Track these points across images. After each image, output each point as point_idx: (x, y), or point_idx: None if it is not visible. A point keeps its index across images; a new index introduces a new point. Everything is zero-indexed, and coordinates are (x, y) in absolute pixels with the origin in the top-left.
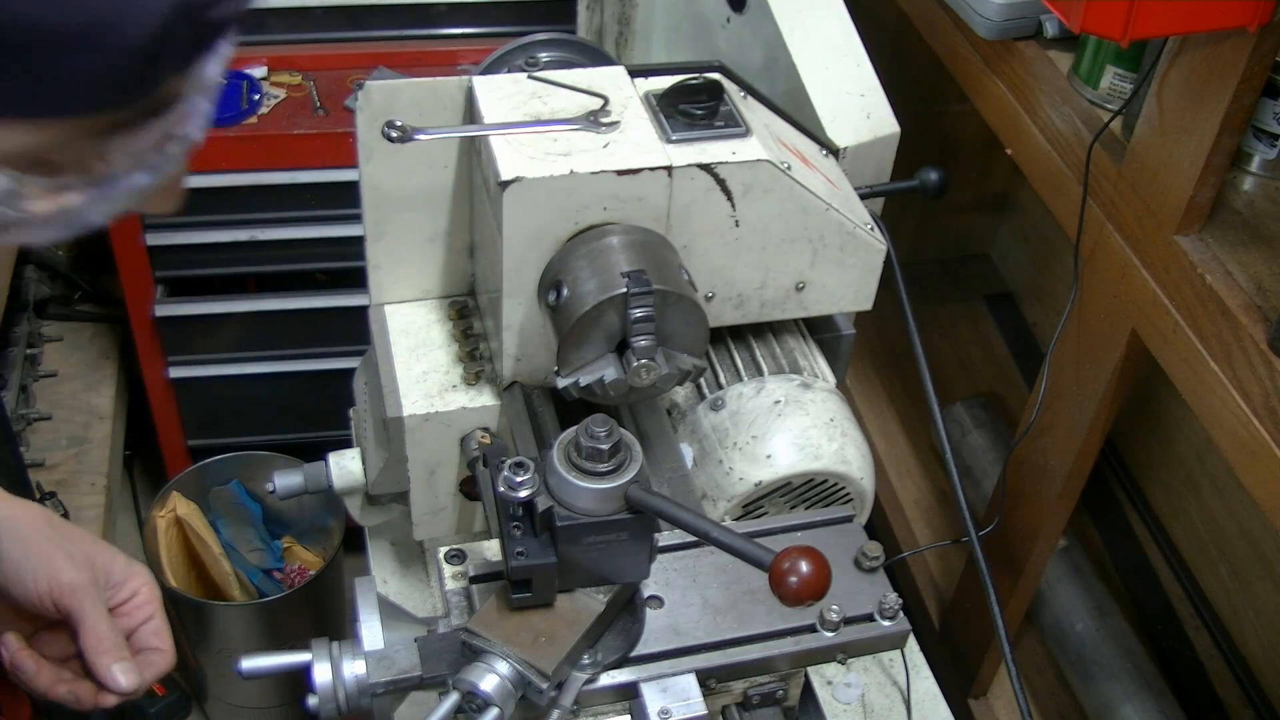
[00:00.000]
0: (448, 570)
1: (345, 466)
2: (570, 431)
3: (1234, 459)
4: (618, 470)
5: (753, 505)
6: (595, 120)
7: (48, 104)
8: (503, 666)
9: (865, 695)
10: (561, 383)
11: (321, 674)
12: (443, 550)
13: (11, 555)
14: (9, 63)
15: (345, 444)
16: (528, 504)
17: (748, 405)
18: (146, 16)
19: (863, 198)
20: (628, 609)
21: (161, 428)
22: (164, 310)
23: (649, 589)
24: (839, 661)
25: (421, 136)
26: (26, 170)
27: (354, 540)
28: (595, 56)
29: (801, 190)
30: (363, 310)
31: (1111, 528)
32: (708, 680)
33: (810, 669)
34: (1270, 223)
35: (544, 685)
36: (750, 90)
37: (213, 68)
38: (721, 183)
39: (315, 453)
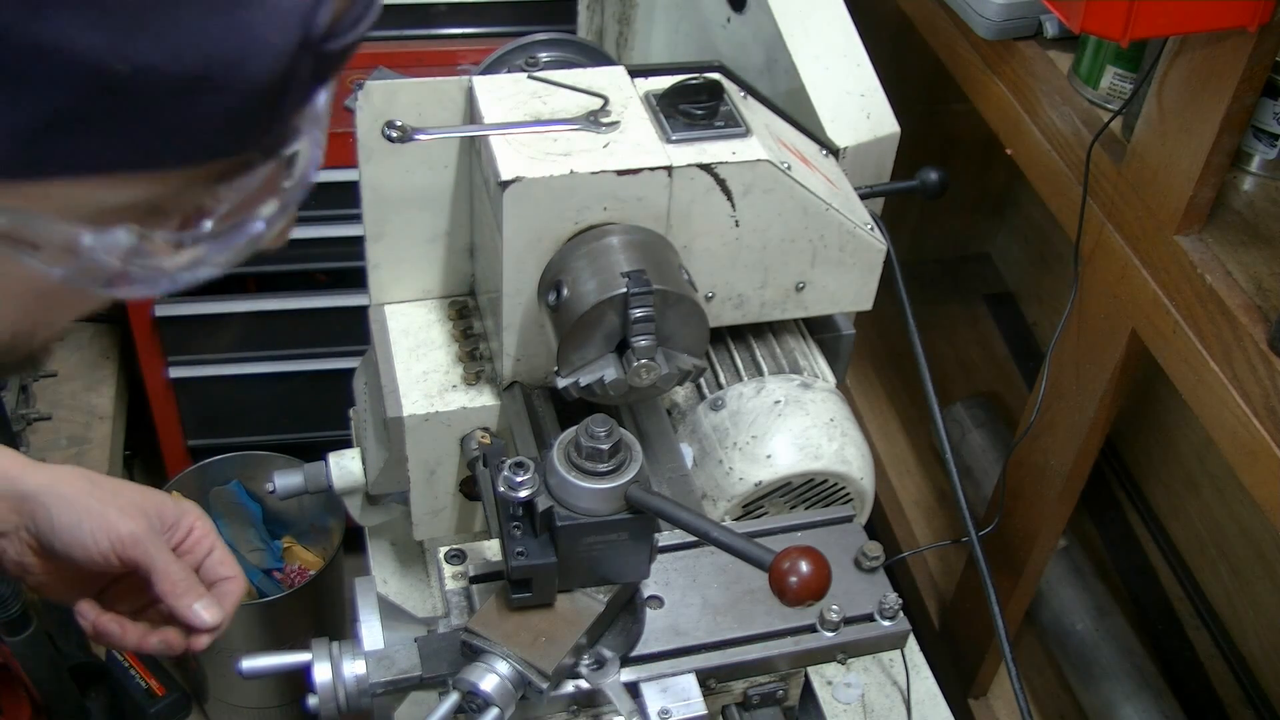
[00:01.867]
0: (448, 570)
1: (345, 466)
2: (570, 431)
3: (1234, 459)
4: (618, 470)
5: (753, 505)
6: (595, 120)
7: (171, 153)
8: (503, 666)
9: (865, 695)
10: (561, 383)
11: (321, 674)
12: (443, 550)
13: (65, 521)
14: (130, 114)
15: (345, 444)
16: (528, 504)
17: (748, 405)
18: (271, 54)
19: (863, 198)
20: (628, 609)
21: (161, 428)
22: (164, 310)
23: (649, 589)
24: (839, 661)
25: (421, 136)
26: (143, 222)
27: (354, 540)
28: (595, 56)
29: (801, 190)
30: (363, 310)
31: (1111, 528)
32: (708, 680)
33: (810, 669)
34: (1270, 223)
35: (544, 685)
36: (750, 90)
37: (323, 98)
38: (721, 183)
39: (315, 453)
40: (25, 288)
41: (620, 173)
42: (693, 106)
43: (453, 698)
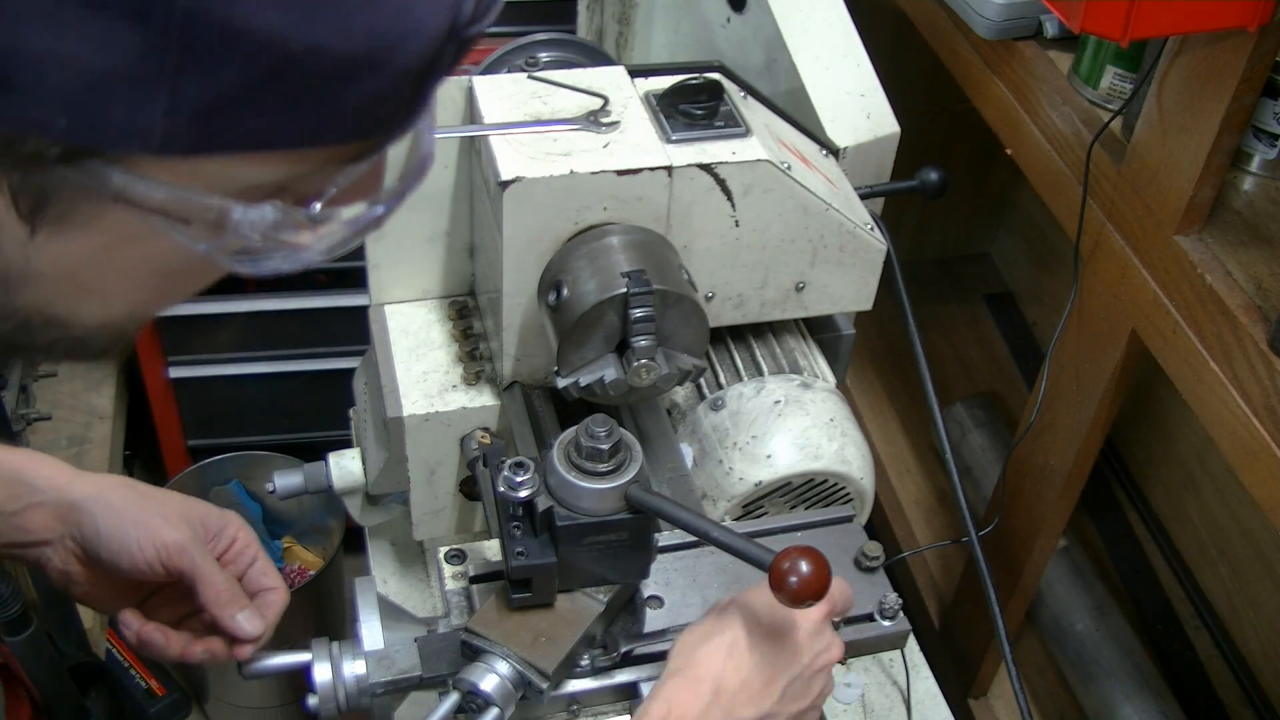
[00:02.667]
0: (448, 570)
1: (345, 466)
2: (570, 431)
3: (1234, 459)
4: (618, 470)
5: (753, 505)
6: (595, 120)
7: (323, 132)
8: (503, 666)
9: (865, 695)
10: (561, 383)
11: (321, 674)
12: (443, 550)
13: (111, 529)
14: (295, 93)
15: (345, 444)
16: (528, 504)
17: (748, 405)
18: (425, 37)
19: (863, 198)
20: (628, 609)
21: (161, 428)
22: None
23: (649, 589)
24: (839, 661)
25: None
26: (271, 198)
27: (354, 540)
28: (595, 56)
29: (801, 190)
30: (363, 310)
31: (1111, 528)
32: None
33: None
34: (1270, 223)
35: (544, 685)
36: (750, 90)
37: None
38: (721, 183)
39: (315, 453)
40: (159, 265)
41: (620, 173)
42: (693, 106)
43: (453, 698)
